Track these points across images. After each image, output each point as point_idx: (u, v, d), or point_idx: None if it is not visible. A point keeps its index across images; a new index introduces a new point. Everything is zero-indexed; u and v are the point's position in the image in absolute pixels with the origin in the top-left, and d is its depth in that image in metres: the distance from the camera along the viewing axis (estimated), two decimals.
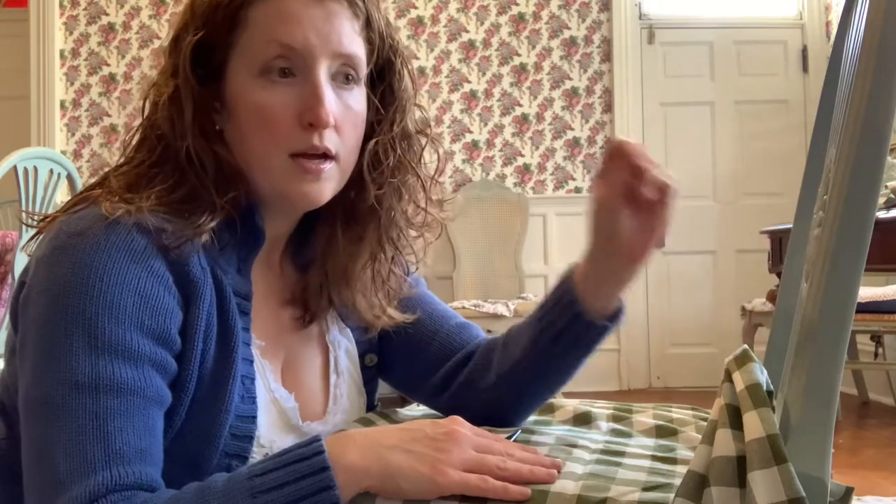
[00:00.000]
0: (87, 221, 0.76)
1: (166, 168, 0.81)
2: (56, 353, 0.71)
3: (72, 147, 4.36)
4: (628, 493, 0.68)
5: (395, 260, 0.94)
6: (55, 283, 0.74)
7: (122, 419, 0.71)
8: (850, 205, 0.55)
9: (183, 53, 0.81)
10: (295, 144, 0.80)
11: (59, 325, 0.72)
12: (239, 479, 0.69)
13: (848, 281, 0.56)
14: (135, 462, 0.70)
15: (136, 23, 4.40)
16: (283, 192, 0.83)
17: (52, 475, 0.69)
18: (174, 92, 0.81)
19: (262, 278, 0.89)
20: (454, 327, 1.00)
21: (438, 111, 4.45)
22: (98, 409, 0.70)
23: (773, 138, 4.47)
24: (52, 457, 0.69)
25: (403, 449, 0.70)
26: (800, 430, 0.58)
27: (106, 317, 0.72)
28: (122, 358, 0.72)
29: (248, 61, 0.81)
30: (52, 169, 2.49)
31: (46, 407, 0.71)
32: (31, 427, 0.72)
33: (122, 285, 0.73)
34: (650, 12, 4.55)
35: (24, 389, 0.74)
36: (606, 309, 0.86)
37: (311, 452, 0.69)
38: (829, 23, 4.45)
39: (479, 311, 3.80)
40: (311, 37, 0.80)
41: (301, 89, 0.80)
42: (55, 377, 0.71)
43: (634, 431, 0.93)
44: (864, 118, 0.54)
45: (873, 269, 2.77)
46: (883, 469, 2.71)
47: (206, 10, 0.82)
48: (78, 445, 0.69)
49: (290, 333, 0.93)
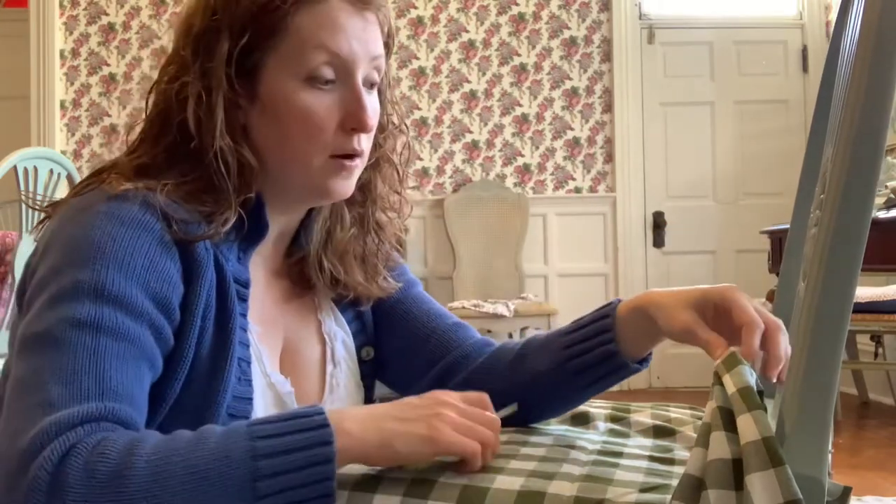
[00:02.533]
0: (95, 197, 0.79)
1: (182, 162, 0.83)
2: (61, 295, 0.72)
3: (72, 147, 4.37)
4: (625, 495, 0.68)
5: (381, 232, 1.00)
6: (66, 242, 0.76)
7: (118, 361, 0.71)
8: (846, 204, 0.55)
9: (219, 57, 0.82)
10: (338, 147, 0.86)
11: (67, 274, 0.73)
12: (238, 426, 0.69)
13: (845, 280, 0.56)
14: (125, 403, 0.70)
15: (136, 23, 4.40)
16: (320, 187, 0.88)
17: (41, 398, 0.67)
18: (205, 92, 0.82)
19: (262, 267, 0.92)
20: (450, 326, 1.01)
21: (438, 111, 4.45)
22: (97, 346, 0.71)
23: (773, 138, 4.47)
24: (45, 383, 0.68)
25: (398, 417, 0.73)
26: (797, 430, 0.58)
27: (114, 271, 0.74)
28: (125, 310, 0.73)
29: (292, 66, 0.83)
30: (52, 169, 2.49)
31: (44, 340, 0.71)
32: (24, 359, 0.71)
33: (132, 248, 0.75)
34: (650, 12, 4.55)
35: (22, 329, 0.74)
36: (640, 354, 0.88)
37: (313, 412, 0.70)
38: (829, 23, 4.45)
39: (479, 311, 3.80)
40: (354, 45, 0.84)
41: (342, 95, 0.85)
42: (57, 315, 0.71)
43: (632, 431, 0.93)
44: (860, 117, 0.54)
45: (873, 269, 2.77)
46: (883, 469, 2.71)
47: (245, 15, 0.83)
48: (73, 375, 0.69)
49: (289, 322, 0.95)
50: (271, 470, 0.66)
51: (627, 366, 0.86)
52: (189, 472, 0.64)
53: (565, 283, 4.41)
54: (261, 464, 0.66)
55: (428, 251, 4.36)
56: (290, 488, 0.66)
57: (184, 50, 0.85)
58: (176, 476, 0.64)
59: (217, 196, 0.82)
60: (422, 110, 4.44)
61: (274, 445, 0.67)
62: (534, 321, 3.88)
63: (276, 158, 0.86)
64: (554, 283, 4.43)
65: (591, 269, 4.43)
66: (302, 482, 0.66)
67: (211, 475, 0.65)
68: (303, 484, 0.66)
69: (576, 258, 4.44)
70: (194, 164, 0.83)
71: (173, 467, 0.65)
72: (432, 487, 0.72)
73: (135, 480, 0.63)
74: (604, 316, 0.88)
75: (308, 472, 0.66)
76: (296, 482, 0.66)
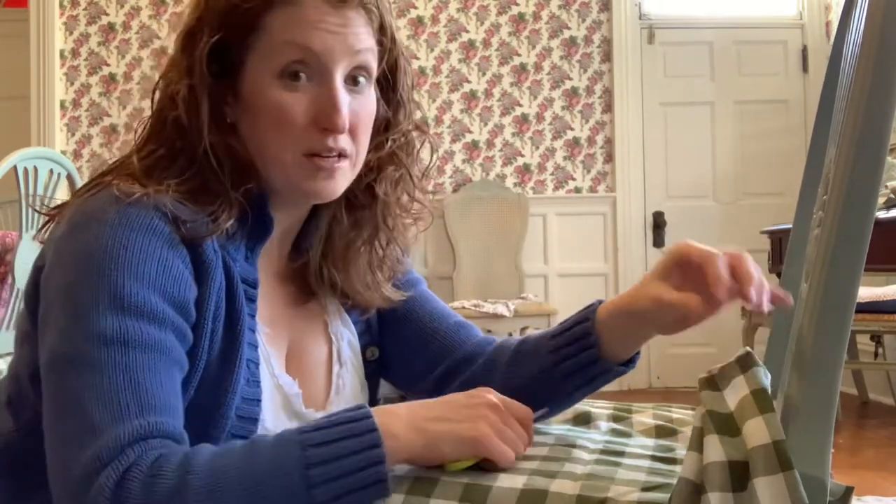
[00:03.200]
0: (104, 202, 0.78)
1: (180, 160, 0.84)
2: (83, 312, 0.72)
3: (72, 147, 4.36)
4: (628, 493, 0.68)
5: (390, 243, 0.99)
6: (78, 252, 0.76)
7: (151, 374, 0.72)
8: (849, 205, 0.55)
9: (199, 54, 0.83)
10: (310, 145, 0.84)
11: (84, 287, 0.73)
12: (289, 435, 0.71)
13: (847, 281, 0.56)
14: (166, 415, 0.71)
15: (136, 23, 4.40)
16: (297, 188, 0.86)
17: (84, 423, 0.68)
18: (189, 89, 0.83)
19: (269, 267, 0.92)
20: (453, 326, 1.01)
21: (438, 111, 4.45)
22: (128, 362, 0.71)
23: (773, 138, 4.47)
24: (83, 407, 0.69)
25: (445, 418, 0.75)
26: (800, 430, 0.58)
27: (131, 280, 0.74)
28: (147, 319, 0.73)
29: (267, 63, 0.83)
30: (52, 169, 2.49)
31: (75, 361, 0.71)
32: (57, 383, 0.72)
33: (144, 253, 0.75)
34: (650, 12, 4.55)
35: (48, 349, 0.74)
36: (625, 355, 0.87)
37: (360, 416, 0.71)
38: (829, 23, 4.45)
39: (479, 311, 3.80)
40: (328, 41, 0.83)
41: (317, 93, 0.84)
42: (83, 334, 0.71)
43: (634, 431, 0.93)
44: (863, 118, 0.54)
45: (873, 269, 2.77)
46: (883, 469, 2.71)
47: (222, 13, 0.83)
48: (110, 394, 0.69)
49: (296, 322, 0.95)
50: (324, 477, 0.67)
51: (612, 368, 0.86)
52: (244, 486, 0.66)
53: (565, 283, 4.41)
54: (313, 472, 0.67)
55: (428, 251, 4.36)
56: (346, 493, 0.67)
57: (175, 49, 0.86)
58: (232, 490, 0.66)
59: (215, 192, 0.82)
60: (422, 110, 4.43)
61: (325, 454, 0.68)
62: (534, 321, 3.88)
63: (257, 155, 0.86)
64: (554, 283, 4.43)
65: (591, 269, 4.43)
66: (356, 485, 0.68)
67: (265, 489, 0.66)
68: (358, 487, 0.68)
69: (576, 258, 4.44)
70: (190, 161, 0.83)
71: (229, 482, 0.66)
72: (435, 485, 0.72)
73: (193, 498, 0.65)
74: (584, 319, 0.88)
75: (361, 476, 0.68)
76: (350, 486, 0.68)
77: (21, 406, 0.84)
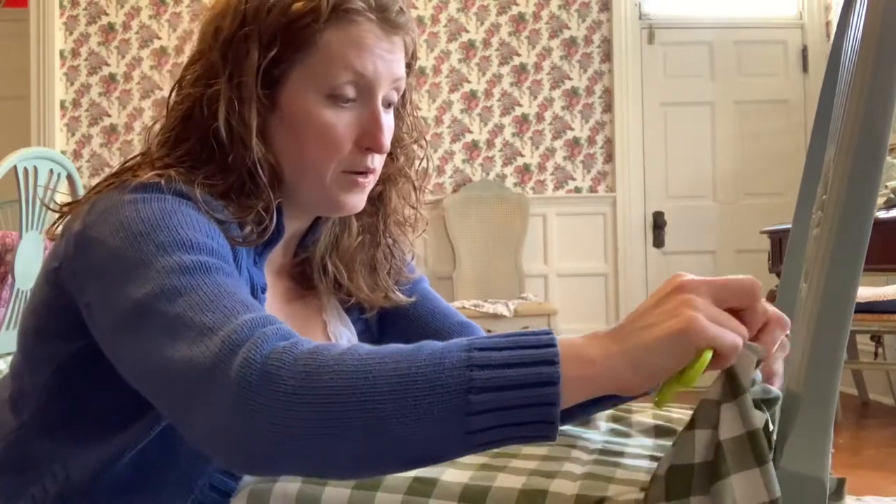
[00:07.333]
0: (134, 186, 0.78)
1: (208, 165, 0.84)
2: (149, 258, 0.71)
3: (72, 147, 4.36)
4: (626, 493, 0.68)
5: (395, 247, 1.01)
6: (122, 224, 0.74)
7: (240, 289, 0.71)
8: (848, 204, 0.55)
9: (250, 66, 0.83)
10: (351, 164, 0.87)
11: (140, 244, 0.72)
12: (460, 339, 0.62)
13: (847, 280, 0.56)
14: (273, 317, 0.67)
15: (136, 23, 4.40)
16: (330, 201, 0.89)
17: (198, 330, 0.64)
18: (239, 102, 0.83)
19: (269, 266, 0.93)
20: (456, 325, 1.02)
21: (438, 111, 4.45)
22: (215, 279, 0.69)
23: (773, 138, 4.47)
24: (190, 320, 0.65)
25: (642, 327, 0.60)
26: (799, 430, 0.58)
27: (184, 229, 0.74)
28: (214, 255, 0.73)
29: (316, 81, 0.84)
30: (52, 169, 2.48)
31: (162, 294, 0.68)
32: (147, 327, 0.67)
33: (188, 216, 0.76)
34: (650, 12, 4.55)
35: (118, 305, 0.70)
36: None
37: (541, 332, 0.61)
38: (829, 23, 4.45)
39: (479, 311, 3.80)
40: (379, 67, 0.85)
41: (361, 114, 0.86)
42: (158, 271, 0.69)
43: (633, 431, 0.93)
44: (862, 117, 0.54)
45: (873, 269, 2.77)
46: (883, 469, 2.71)
47: (278, 27, 0.83)
48: (212, 303, 0.67)
49: (293, 321, 0.95)
50: (486, 383, 0.57)
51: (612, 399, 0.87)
52: (399, 373, 0.59)
53: (565, 283, 4.41)
54: (476, 374, 0.58)
55: (428, 251, 4.36)
56: (507, 408, 0.57)
57: (211, 53, 0.85)
58: (385, 376, 0.59)
59: (247, 202, 0.83)
60: (422, 110, 4.44)
61: (493, 357, 0.58)
62: (534, 321, 3.87)
63: (291, 168, 0.87)
64: (554, 283, 4.43)
65: (591, 269, 4.43)
66: (520, 402, 0.57)
67: (420, 381, 0.58)
68: (521, 404, 0.57)
69: (576, 258, 4.44)
70: (221, 168, 0.83)
71: (384, 367, 0.59)
72: (434, 486, 0.72)
73: (344, 376, 0.59)
74: None
75: (527, 393, 0.57)
76: (513, 401, 0.57)
77: (23, 404, 0.84)
